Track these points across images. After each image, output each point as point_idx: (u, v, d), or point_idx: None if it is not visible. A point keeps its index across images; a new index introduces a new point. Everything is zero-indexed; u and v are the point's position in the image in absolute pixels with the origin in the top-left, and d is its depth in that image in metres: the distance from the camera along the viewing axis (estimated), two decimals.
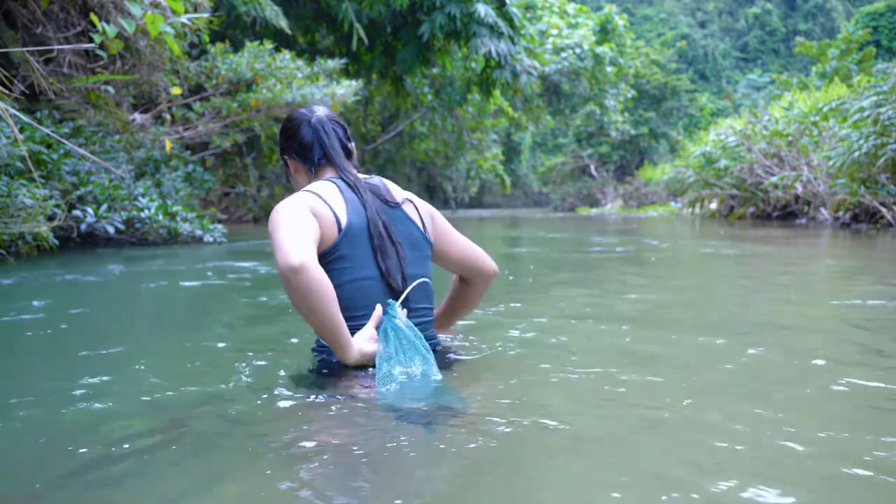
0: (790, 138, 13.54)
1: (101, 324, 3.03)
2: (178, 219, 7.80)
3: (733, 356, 2.13)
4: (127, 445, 1.41)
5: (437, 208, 2.09)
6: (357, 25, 14.90)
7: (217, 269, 5.38)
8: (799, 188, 12.62)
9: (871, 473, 1.21)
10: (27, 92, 6.91)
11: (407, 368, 1.66)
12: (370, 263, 1.77)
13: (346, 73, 15.89)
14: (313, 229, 1.68)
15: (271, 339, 2.55)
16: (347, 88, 12.39)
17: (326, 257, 1.74)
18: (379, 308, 1.74)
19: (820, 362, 2.02)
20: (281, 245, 1.58)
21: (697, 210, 17.38)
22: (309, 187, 1.83)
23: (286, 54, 12.04)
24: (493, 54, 15.63)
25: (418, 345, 1.69)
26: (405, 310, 1.78)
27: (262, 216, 16.58)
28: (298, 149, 1.92)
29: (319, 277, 1.56)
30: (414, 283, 1.82)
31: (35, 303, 3.46)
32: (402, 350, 1.67)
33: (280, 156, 1.99)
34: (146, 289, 4.28)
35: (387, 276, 1.77)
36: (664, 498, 1.12)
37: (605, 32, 29.47)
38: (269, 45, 11.94)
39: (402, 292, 1.78)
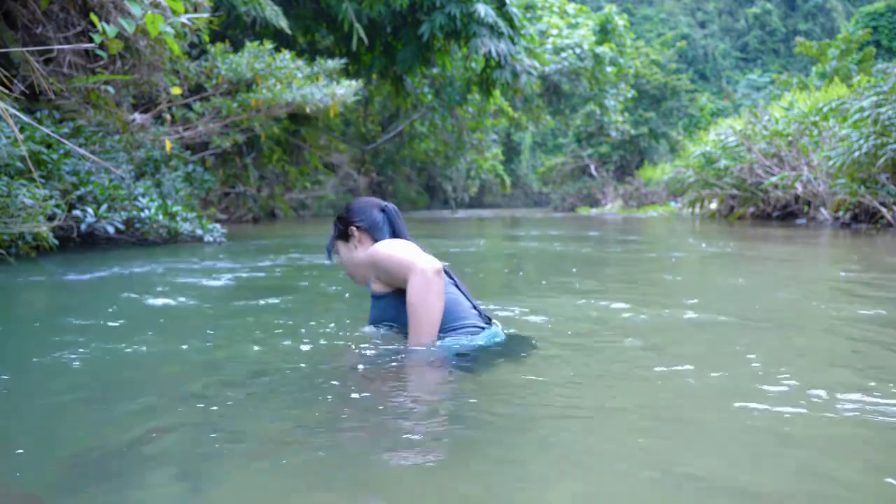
0: (790, 138, 13.54)
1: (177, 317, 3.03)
2: (178, 219, 7.80)
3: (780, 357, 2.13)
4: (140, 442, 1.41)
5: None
6: (357, 25, 14.90)
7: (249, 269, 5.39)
8: (799, 188, 12.62)
9: None
10: (27, 92, 6.91)
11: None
12: (451, 286, 2.27)
13: (346, 73, 15.89)
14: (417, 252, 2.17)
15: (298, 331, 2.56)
16: (347, 88, 12.39)
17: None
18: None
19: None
20: (417, 258, 2.07)
21: (697, 210, 17.38)
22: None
23: (286, 54, 12.04)
24: (493, 54, 15.63)
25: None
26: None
27: (261, 216, 16.59)
28: (369, 225, 2.37)
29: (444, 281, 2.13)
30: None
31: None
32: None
33: (343, 226, 2.40)
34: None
35: (468, 297, 2.29)
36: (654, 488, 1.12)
37: (605, 32, 29.47)
38: (269, 45, 11.94)
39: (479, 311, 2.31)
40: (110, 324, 2.90)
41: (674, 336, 2.54)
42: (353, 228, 2.37)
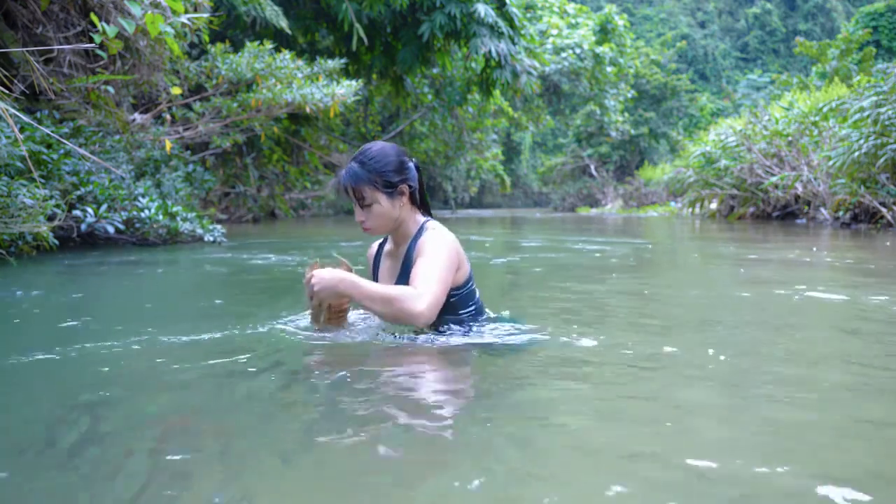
0: (790, 138, 13.54)
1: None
2: (178, 219, 7.80)
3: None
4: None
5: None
6: (357, 25, 14.91)
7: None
8: (799, 188, 12.63)
9: None
10: (27, 92, 6.91)
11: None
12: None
13: (346, 73, 15.90)
14: (452, 278, 2.18)
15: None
16: (347, 88, 12.39)
17: (465, 285, 2.28)
18: None
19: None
20: (436, 297, 2.02)
21: (697, 210, 17.38)
22: (449, 233, 2.26)
23: (286, 54, 12.04)
24: (493, 54, 15.64)
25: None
26: None
27: (261, 216, 16.58)
28: (415, 187, 2.28)
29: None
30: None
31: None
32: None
33: (394, 181, 2.21)
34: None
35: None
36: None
37: (605, 32, 29.48)
38: (269, 45, 11.95)
39: None
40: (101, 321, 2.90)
41: None
42: (406, 188, 2.26)
